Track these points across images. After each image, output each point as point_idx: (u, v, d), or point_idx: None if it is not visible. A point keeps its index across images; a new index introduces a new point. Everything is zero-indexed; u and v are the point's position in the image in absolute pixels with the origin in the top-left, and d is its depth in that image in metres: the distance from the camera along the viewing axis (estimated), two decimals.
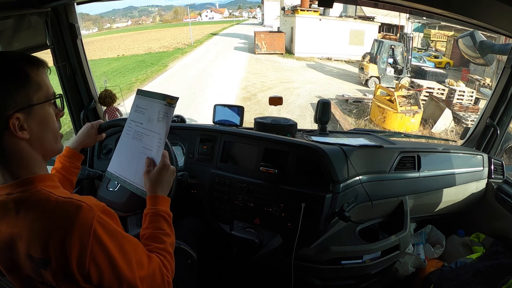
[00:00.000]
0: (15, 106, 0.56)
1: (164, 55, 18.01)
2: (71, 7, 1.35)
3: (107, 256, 0.56)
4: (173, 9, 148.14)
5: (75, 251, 0.54)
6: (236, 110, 1.48)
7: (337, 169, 1.13)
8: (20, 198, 0.57)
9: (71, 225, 0.54)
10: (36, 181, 0.60)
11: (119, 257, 0.57)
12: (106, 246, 0.56)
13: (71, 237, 0.53)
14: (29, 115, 0.58)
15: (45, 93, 0.62)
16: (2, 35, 1.00)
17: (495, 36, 6.20)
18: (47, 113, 0.62)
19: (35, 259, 0.55)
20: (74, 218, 0.54)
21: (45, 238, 0.54)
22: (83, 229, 0.54)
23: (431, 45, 21.32)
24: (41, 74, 0.61)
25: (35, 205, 0.56)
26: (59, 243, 0.53)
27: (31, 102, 0.59)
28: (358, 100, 8.78)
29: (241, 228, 1.22)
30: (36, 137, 0.60)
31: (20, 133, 0.57)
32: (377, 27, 18.47)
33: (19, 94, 0.57)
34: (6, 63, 0.58)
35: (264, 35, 17.81)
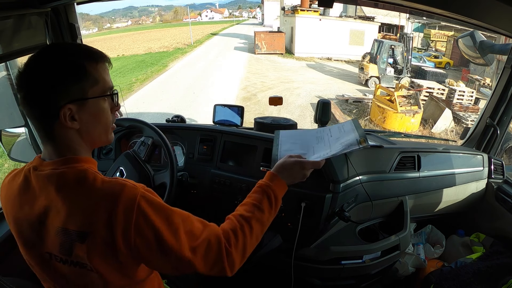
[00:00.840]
0: (68, 97, 0.58)
1: (164, 55, 18.01)
2: (71, 7, 1.35)
3: (152, 228, 0.57)
4: (173, 9, 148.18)
5: (120, 225, 0.56)
6: (236, 110, 1.48)
7: (337, 169, 1.13)
8: (66, 173, 0.59)
9: (117, 200, 0.56)
10: (82, 161, 0.62)
11: (164, 229, 0.58)
12: (150, 219, 0.57)
13: (116, 212, 0.56)
14: (81, 107, 0.60)
15: (101, 87, 0.62)
16: (2, 35, 1.00)
17: (495, 36, 6.20)
18: (100, 107, 0.63)
19: (71, 232, 0.57)
20: (119, 194, 0.57)
21: (88, 212, 0.56)
22: (128, 204, 0.56)
23: (431, 45, 21.33)
24: (99, 69, 0.62)
25: (82, 180, 0.58)
26: (104, 217, 0.56)
27: (85, 95, 0.60)
28: (358, 100, 8.78)
29: None
30: (86, 128, 0.62)
31: (69, 123, 0.59)
32: (377, 27, 18.47)
33: (74, 86, 0.58)
34: (65, 56, 0.59)
35: (264, 35, 17.82)
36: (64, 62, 0.59)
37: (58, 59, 0.59)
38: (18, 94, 0.59)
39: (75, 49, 0.62)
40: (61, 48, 0.62)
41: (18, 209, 0.62)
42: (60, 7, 1.28)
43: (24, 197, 0.61)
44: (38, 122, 0.60)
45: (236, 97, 8.97)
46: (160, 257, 0.59)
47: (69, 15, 1.35)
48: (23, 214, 0.61)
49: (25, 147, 1.35)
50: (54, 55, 0.59)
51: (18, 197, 0.62)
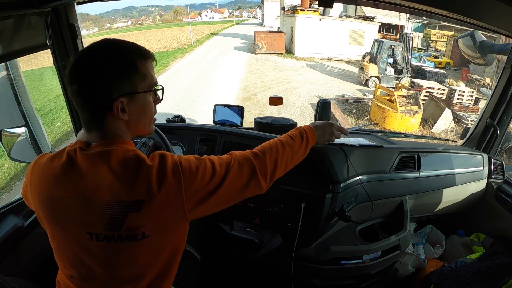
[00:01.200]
0: (120, 91, 0.63)
1: (164, 55, 18.01)
2: (71, 7, 1.35)
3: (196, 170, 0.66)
4: (173, 9, 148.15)
5: (172, 184, 0.63)
6: (236, 110, 1.48)
7: (337, 169, 1.13)
8: (117, 150, 0.64)
9: (165, 167, 0.63)
10: (128, 144, 0.68)
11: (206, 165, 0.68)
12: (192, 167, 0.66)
13: (167, 178, 0.63)
14: (131, 100, 0.65)
15: (148, 83, 0.67)
16: (2, 35, 1.00)
17: (495, 36, 6.20)
18: (147, 101, 0.68)
19: (126, 203, 0.61)
20: (165, 163, 0.64)
21: (143, 182, 0.61)
22: (173, 169, 0.64)
23: (431, 45, 21.33)
24: (147, 65, 0.67)
25: (132, 156, 0.64)
26: (158, 183, 0.62)
27: (135, 89, 0.65)
28: (358, 100, 8.78)
29: (241, 228, 1.22)
30: (134, 119, 0.67)
31: (121, 115, 0.64)
32: (377, 27, 18.47)
33: (126, 81, 0.63)
34: (120, 53, 0.64)
35: (264, 35, 17.81)
36: (119, 59, 0.63)
37: (112, 55, 0.63)
38: (69, 86, 0.63)
39: (127, 46, 0.66)
40: (114, 45, 0.66)
41: (58, 188, 0.64)
42: (60, 7, 1.28)
43: (67, 176, 0.63)
44: (90, 113, 0.64)
45: (236, 97, 8.97)
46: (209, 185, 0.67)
47: (69, 15, 1.35)
48: (64, 193, 0.63)
49: (25, 147, 1.35)
50: (109, 51, 0.64)
51: (60, 176, 0.64)
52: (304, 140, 0.88)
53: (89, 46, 0.64)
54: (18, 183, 4.41)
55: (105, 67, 0.62)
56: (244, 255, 1.21)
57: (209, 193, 0.67)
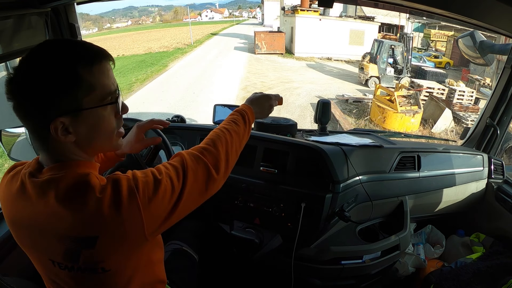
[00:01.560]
0: (59, 110, 0.51)
1: (164, 55, 18.01)
2: (71, 7, 1.35)
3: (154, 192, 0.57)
4: (173, 9, 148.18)
5: (129, 212, 0.54)
6: None
7: (337, 169, 1.13)
8: (65, 178, 0.54)
9: (118, 194, 0.53)
10: (81, 165, 0.57)
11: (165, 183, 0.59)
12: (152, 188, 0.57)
13: (121, 208, 0.53)
14: (76, 118, 0.53)
15: (99, 95, 0.54)
16: (2, 35, 1.00)
17: (495, 36, 6.19)
18: (100, 116, 0.55)
19: (77, 239, 0.53)
20: (119, 188, 0.54)
21: (93, 216, 0.52)
22: (128, 196, 0.54)
23: (431, 45, 21.33)
24: (96, 72, 0.53)
25: (82, 185, 0.54)
26: (112, 214, 0.53)
27: (79, 106, 0.52)
28: (358, 100, 8.78)
29: (241, 228, 1.22)
30: (85, 139, 0.56)
31: (63, 137, 0.53)
32: (377, 27, 18.47)
33: (66, 96, 0.51)
34: (55, 61, 0.51)
35: (264, 35, 17.81)
36: (53, 67, 0.50)
37: (46, 63, 0.50)
38: (11, 101, 0.52)
39: (67, 50, 0.53)
40: (51, 49, 0.52)
41: (16, 212, 0.58)
42: (60, 7, 1.28)
43: (22, 202, 0.57)
44: (31, 134, 0.55)
45: (236, 97, 8.97)
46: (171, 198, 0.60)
47: (69, 15, 1.35)
48: (21, 219, 0.57)
49: (25, 147, 1.34)
50: (43, 58, 0.51)
51: (16, 201, 0.58)
52: (247, 123, 0.82)
53: (27, 53, 0.52)
54: None
55: (38, 80, 0.49)
56: (244, 255, 1.21)
57: (170, 212, 0.59)
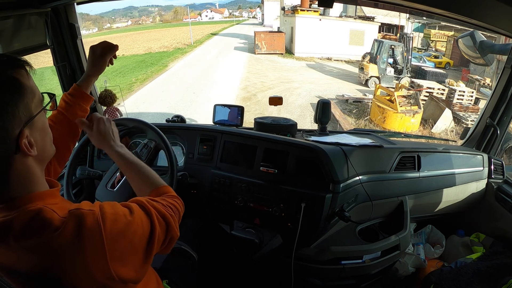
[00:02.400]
0: (20, 123, 0.49)
1: (164, 55, 18.01)
2: (71, 7, 1.35)
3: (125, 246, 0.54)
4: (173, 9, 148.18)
5: (92, 252, 0.51)
6: (236, 110, 1.48)
7: (337, 169, 1.13)
8: (19, 219, 0.50)
9: (81, 238, 0.50)
10: (36, 199, 0.53)
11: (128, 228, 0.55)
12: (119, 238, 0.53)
13: (83, 245, 0.50)
14: (32, 127, 0.52)
15: (38, 98, 0.55)
16: (2, 35, 1.00)
17: (495, 36, 6.19)
18: (44, 119, 0.56)
19: (40, 279, 0.51)
20: (81, 228, 0.50)
21: (54, 257, 0.50)
22: (92, 235, 0.51)
23: (431, 45, 21.32)
24: (30, 77, 0.53)
25: (38, 224, 0.50)
26: (73, 255, 0.50)
27: (31, 112, 0.52)
28: (358, 100, 8.78)
29: (241, 228, 1.22)
30: (41, 149, 0.54)
31: (32, 151, 0.51)
32: (377, 27, 18.46)
33: (20, 106, 0.50)
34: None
35: (264, 35, 17.81)
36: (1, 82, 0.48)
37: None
38: None
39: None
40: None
41: None
42: (60, 7, 1.28)
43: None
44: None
45: (236, 97, 8.97)
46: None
47: (69, 15, 1.35)
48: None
49: None
50: None
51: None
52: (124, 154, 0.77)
53: None
54: None
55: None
56: (244, 255, 1.21)
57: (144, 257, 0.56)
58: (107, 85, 1.69)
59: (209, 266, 1.32)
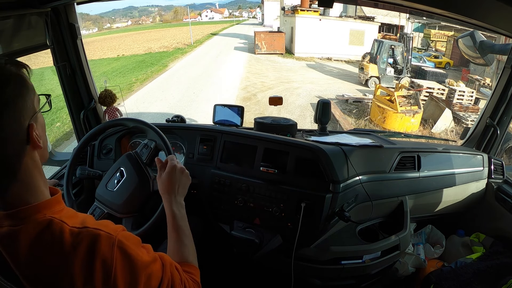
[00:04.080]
0: (29, 115, 0.52)
1: (164, 55, 18.01)
2: (71, 7, 1.35)
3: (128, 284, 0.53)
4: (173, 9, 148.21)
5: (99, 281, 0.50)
6: (236, 110, 1.48)
7: (337, 169, 1.13)
8: (26, 230, 0.50)
9: (93, 256, 0.50)
10: (43, 208, 0.53)
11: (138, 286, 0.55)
12: (127, 274, 0.53)
13: (94, 268, 0.50)
14: (36, 122, 0.54)
15: (37, 97, 0.57)
16: (2, 35, 1.00)
17: (495, 36, 6.20)
18: (43, 118, 0.58)
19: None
20: (94, 249, 0.50)
21: (62, 273, 0.50)
22: (105, 259, 0.51)
23: (431, 45, 21.32)
24: (30, 76, 0.56)
25: (49, 237, 0.50)
26: (81, 275, 0.50)
27: (35, 108, 0.54)
28: (358, 100, 8.78)
29: (241, 228, 1.22)
30: (43, 144, 0.56)
31: (40, 144, 0.53)
32: (377, 27, 18.46)
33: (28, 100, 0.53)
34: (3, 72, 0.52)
35: (264, 35, 17.81)
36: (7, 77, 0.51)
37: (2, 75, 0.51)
38: None
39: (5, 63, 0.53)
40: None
41: None
42: (60, 7, 1.28)
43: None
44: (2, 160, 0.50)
45: (236, 97, 8.97)
46: None
47: (69, 15, 1.35)
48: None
49: None
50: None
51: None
52: (177, 215, 0.78)
53: None
54: None
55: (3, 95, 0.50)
56: (244, 255, 1.21)
57: None
58: (107, 85, 1.69)
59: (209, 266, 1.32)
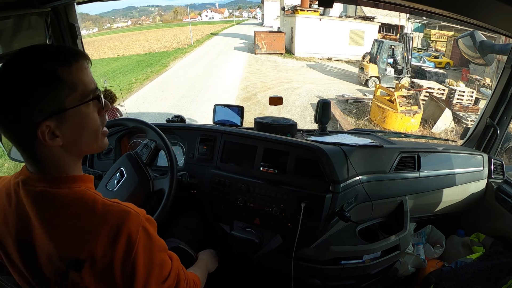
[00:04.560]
0: (43, 113, 0.50)
1: (164, 55, 18.00)
2: (71, 7, 1.35)
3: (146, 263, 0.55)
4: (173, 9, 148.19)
5: (120, 254, 0.53)
6: (236, 110, 1.48)
7: (337, 169, 1.13)
8: (61, 195, 0.53)
9: (120, 229, 0.53)
10: (78, 180, 0.57)
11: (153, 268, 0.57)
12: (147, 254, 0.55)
13: (118, 241, 0.52)
14: (62, 120, 0.52)
15: (80, 93, 0.53)
16: (2, 35, 1.00)
17: (495, 36, 6.20)
18: (84, 114, 0.55)
19: (67, 259, 0.53)
20: (122, 223, 0.53)
21: (87, 239, 0.52)
22: (130, 234, 0.53)
23: (431, 45, 21.33)
24: (75, 71, 0.52)
25: (80, 204, 0.54)
26: (105, 245, 0.52)
27: (62, 106, 0.51)
28: (358, 100, 8.78)
29: (241, 228, 1.22)
30: (72, 141, 0.54)
31: (51, 142, 0.51)
32: (377, 27, 18.47)
33: (47, 99, 0.50)
34: (33, 65, 0.50)
35: (264, 35, 17.81)
36: (32, 71, 0.49)
37: (24, 68, 0.50)
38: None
39: (43, 52, 0.52)
40: (27, 54, 0.52)
41: (2, 222, 0.56)
42: (60, 7, 1.28)
43: (10, 212, 0.55)
44: (15, 143, 0.53)
45: (236, 97, 8.97)
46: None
47: (69, 15, 1.35)
48: (7, 229, 0.56)
49: None
50: (20, 64, 0.50)
51: (3, 210, 0.56)
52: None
53: (4, 61, 0.51)
54: None
55: (18, 86, 0.49)
56: (244, 255, 1.21)
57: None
58: (107, 85, 1.69)
59: None
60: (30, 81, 0.49)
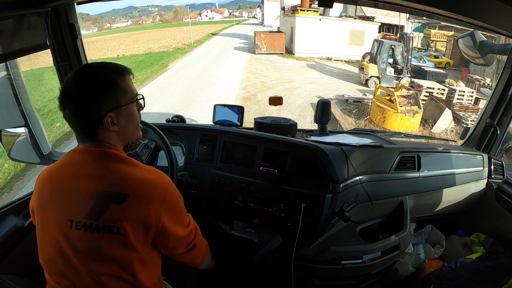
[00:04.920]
0: (108, 107, 0.73)
1: (164, 55, 18.00)
2: (71, 7, 1.35)
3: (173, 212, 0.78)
4: (173, 9, 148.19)
5: (155, 201, 0.73)
6: (236, 110, 1.48)
7: (337, 169, 1.13)
8: (112, 153, 0.75)
9: (159, 181, 0.75)
10: (116, 149, 0.77)
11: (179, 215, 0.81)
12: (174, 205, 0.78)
13: (155, 190, 0.73)
14: (118, 113, 0.75)
15: (130, 95, 0.77)
16: (2, 35, 1.00)
17: (495, 36, 6.20)
18: (131, 110, 0.78)
19: (112, 194, 0.70)
20: (160, 177, 0.76)
21: (133, 181, 0.72)
22: (164, 188, 0.75)
23: (431, 45, 21.33)
24: (126, 80, 0.77)
25: (128, 160, 0.76)
26: (146, 190, 0.72)
27: (119, 103, 0.75)
28: (358, 100, 8.77)
29: (241, 228, 1.22)
30: (123, 129, 0.77)
31: (112, 127, 0.74)
32: (377, 27, 18.47)
33: (111, 97, 0.73)
34: (101, 74, 0.74)
35: (264, 35, 17.81)
36: (102, 80, 0.73)
37: (95, 78, 0.73)
38: (62, 111, 0.72)
39: (106, 68, 0.76)
40: (95, 69, 0.75)
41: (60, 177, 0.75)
42: (60, 7, 1.28)
43: (75, 168, 0.74)
44: (84, 129, 0.74)
45: (236, 97, 8.96)
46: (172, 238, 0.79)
47: (69, 15, 1.34)
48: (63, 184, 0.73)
49: (25, 147, 1.34)
50: (91, 76, 0.74)
51: (69, 167, 0.75)
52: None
53: (73, 73, 0.74)
54: (18, 183, 4.40)
55: (93, 90, 0.71)
56: (244, 255, 1.21)
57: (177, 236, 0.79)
58: None
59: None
60: (101, 87, 0.72)
